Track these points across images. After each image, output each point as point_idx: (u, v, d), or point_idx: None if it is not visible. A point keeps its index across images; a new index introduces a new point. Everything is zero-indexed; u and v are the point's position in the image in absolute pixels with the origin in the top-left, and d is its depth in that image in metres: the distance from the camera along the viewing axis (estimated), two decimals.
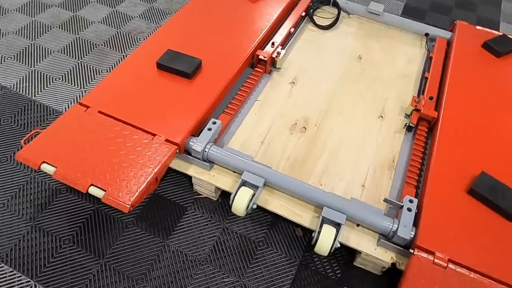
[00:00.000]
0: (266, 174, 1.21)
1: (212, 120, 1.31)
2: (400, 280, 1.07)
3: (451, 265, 1.05)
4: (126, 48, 1.87)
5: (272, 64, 1.63)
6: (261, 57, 1.57)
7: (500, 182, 1.19)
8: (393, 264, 1.15)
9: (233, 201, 1.16)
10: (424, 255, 1.07)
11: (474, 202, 1.18)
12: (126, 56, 1.83)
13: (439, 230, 1.11)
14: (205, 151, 1.25)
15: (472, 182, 1.20)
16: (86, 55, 1.83)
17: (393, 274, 1.23)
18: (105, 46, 1.88)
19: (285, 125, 1.46)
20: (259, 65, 1.61)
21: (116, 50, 1.86)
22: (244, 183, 1.21)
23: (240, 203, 1.15)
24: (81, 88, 1.69)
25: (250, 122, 1.45)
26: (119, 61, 1.81)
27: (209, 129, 1.28)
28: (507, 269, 1.05)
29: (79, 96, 1.67)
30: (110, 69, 1.77)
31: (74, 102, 1.64)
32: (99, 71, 1.76)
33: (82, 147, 1.20)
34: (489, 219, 1.14)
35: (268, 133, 1.42)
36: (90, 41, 1.90)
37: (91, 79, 1.73)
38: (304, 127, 1.45)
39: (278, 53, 1.60)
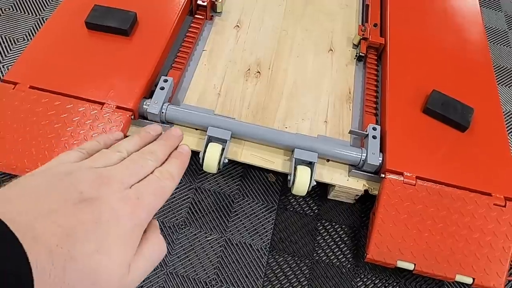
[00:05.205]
0: (232, 126, 1.17)
1: (163, 78, 1.21)
2: (375, 204, 1.13)
3: (419, 182, 1.12)
4: (41, 10, 1.62)
5: (212, 8, 1.52)
6: (199, 2, 1.45)
7: (450, 97, 1.26)
8: (366, 191, 1.20)
9: (203, 159, 1.11)
10: (394, 177, 1.13)
11: (430, 120, 1.25)
12: (43, 19, 1.59)
13: (403, 151, 1.17)
14: (163, 112, 1.16)
15: (425, 101, 1.26)
16: None
17: (364, 200, 1.30)
18: (13, 9, 1.61)
19: (238, 72, 1.39)
20: (199, 12, 1.48)
21: (27, 13, 1.61)
22: (210, 139, 1.16)
23: (212, 160, 1.11)
24: None
25: (202, 74, 1.37)
26: (35, 25, 1.57)
27: (162, 88, 1.18)
28: (465, 176, 1.15)
29: None
30: (27, 36, 1.54)
31: None
32: (14, 40, 1.52)
33: (21, 132, 1.05)
34: (445, 133, 1.22)
35: (223, 83, 1.36)
36: None
37: (7, 52, 1.49)
38: (258, 72, 1.40)
39: None
